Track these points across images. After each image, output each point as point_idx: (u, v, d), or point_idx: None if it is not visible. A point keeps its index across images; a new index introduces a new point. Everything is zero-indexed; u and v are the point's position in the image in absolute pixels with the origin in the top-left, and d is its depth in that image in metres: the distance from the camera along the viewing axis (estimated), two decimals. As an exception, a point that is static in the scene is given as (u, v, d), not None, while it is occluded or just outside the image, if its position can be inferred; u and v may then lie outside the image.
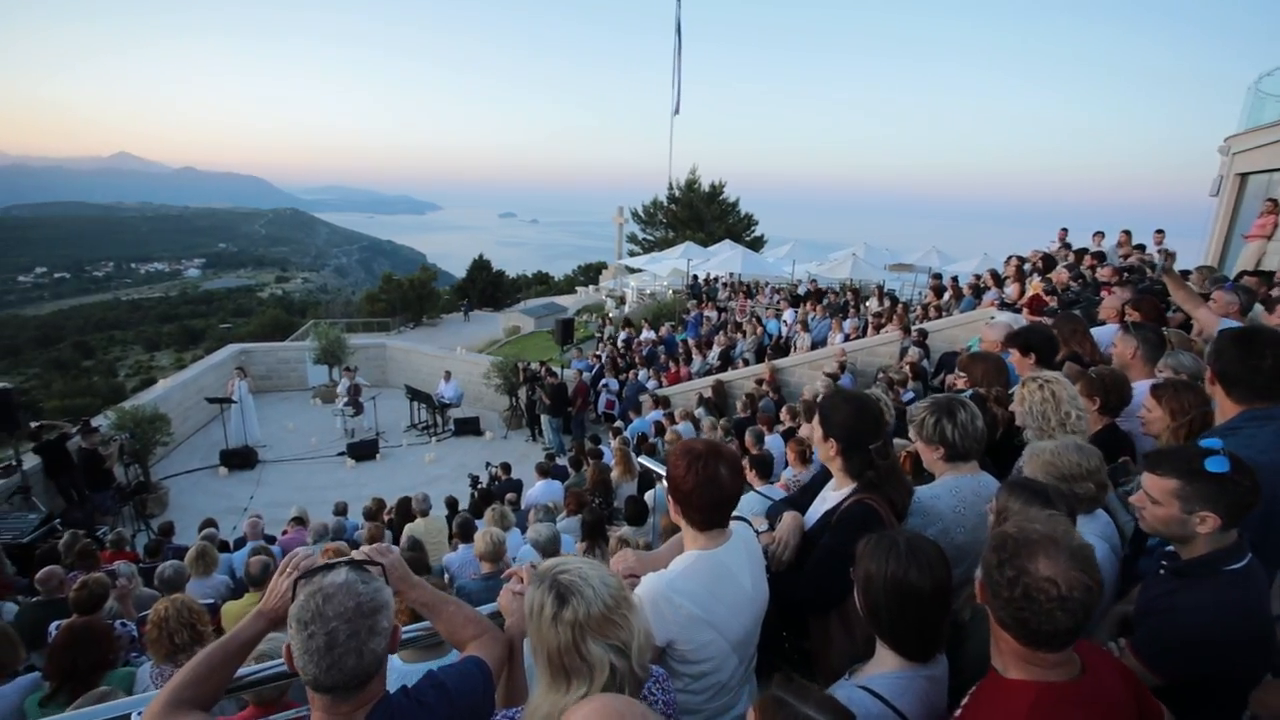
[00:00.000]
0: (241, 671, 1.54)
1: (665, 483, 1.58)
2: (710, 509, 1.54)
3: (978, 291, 11.16)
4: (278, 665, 1.62)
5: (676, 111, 26.78)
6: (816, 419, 1.89)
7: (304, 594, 1.21)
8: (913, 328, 10.50)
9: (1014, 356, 3.15)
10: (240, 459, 11.34)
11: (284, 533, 6.58)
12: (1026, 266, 10.79)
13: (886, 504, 1.76)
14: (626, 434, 9.93)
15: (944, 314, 11.36)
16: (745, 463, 5.09)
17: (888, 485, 1.80)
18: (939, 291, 12.37)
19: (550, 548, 3.87)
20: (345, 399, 12.82)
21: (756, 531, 1.81)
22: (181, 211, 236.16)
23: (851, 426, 1.81)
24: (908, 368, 8.71)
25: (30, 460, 8.60)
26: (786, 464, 6.90)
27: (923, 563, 1.37)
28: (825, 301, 14.07)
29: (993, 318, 8.52)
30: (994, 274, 11.00)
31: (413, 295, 29.39)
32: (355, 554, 1.50)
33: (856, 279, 18.24)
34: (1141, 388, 2.62)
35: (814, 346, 12.31)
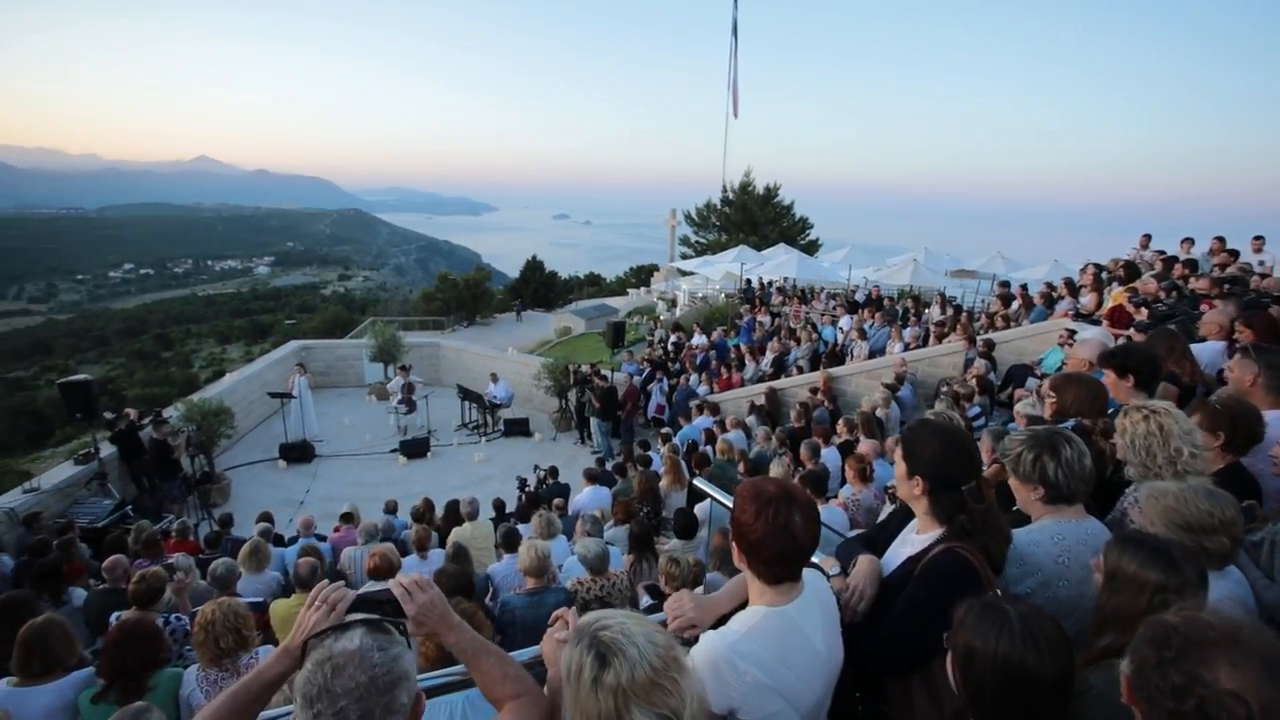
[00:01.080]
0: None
1: (730, 525, 1.41)
2: (781, 562, 1.36)
3: (1050, 301, 10.55)
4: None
5: (735, 115, 26.44)
6: (899, 452, 1.68)
7: (312, 662, 1.08)
8: (978, 338, 9.99)
9: (1109, 378, 2.85)
10: (298, 453, 11.68)
11: (335, 530, 6.68)
12: (1105, 275, 10.14)
13: (981, 554, 1.54)
14: (676, 441, 9.75)
15: (1012, 324, 10.78)
16: (801, 482, 4.87)
17: (982, 532, 1.57)
18: (1007, 300, 11.76)
19: (598, 565, 3.75)
20: (399, 397, 13.07)
21: (827, 575, 1.62)
22: (254, 212, 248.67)
23: (941, 463, 1.59)
24: (974, 381, 8.26)
25: (107, 448, 9.06)
26: (843, 480, 6.67)
27: (1042, 646, 1.15)
28: (884, 308, 13.58)
29: (1073, 332, 8.02)
30: (1069, 282, 10.38)
31: (467, 295, 29.89)
32: (392, 584, 1.37)
33: (917, 285, 17.58)
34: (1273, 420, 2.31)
35: (872, 355, 11.88)
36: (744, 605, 1.48)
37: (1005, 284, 12.70)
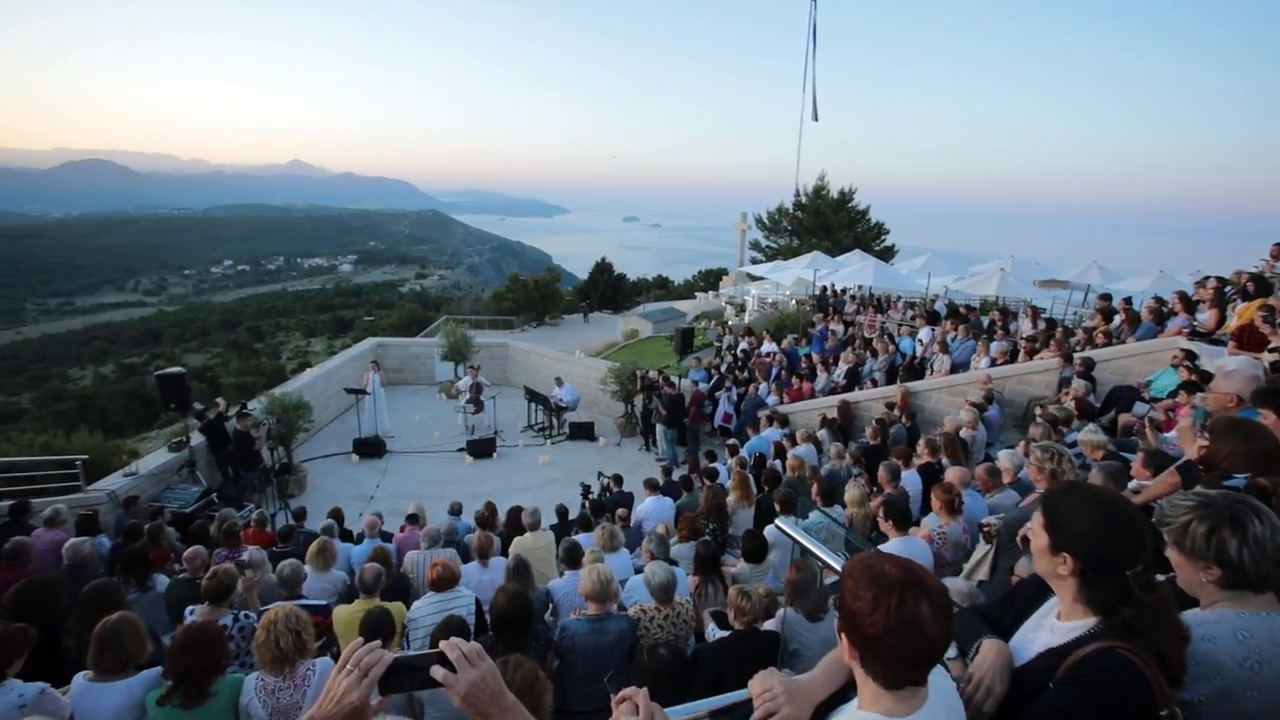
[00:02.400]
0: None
1: (839, 611, 1.16)
2: (905, 664, 1.09)
3: (1160, 316, 9.63)
4: None
5: (815, 118, 25.77)
6: (1039, 521, 1.39)
7: None
8: (1076, 355, 9.23)
9: (1268, 419, 2.43)
10: (370, 448, 12.02)
11: (401, 529, 6.75)
12: (1229, 289, 9.17)
13: (1153, 660, 1.24)
14: (744, 453, 9.45)
15: (1115, 341, 9.91)
16: (879, 508, 4.52)
17: (1153, 631, 1.25)
18: (1108, 314, 10.83)
19: (664, 595, 3.55)
20: (467, 396, 13.28)
21: (944, 664, 1.34)
22: (340, 213, 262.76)
23: (1099, 541, 1.29)
24: (1072, 403, 7.59)
25: (197, 438, 9.55)
26: (923, 506, 6.22)
27: None
28: (969, 320, 12.80)
29: (1190, 353, 7.25)
30: (1183, 296, 9.44)
31: (537, 295, 30.35)
32: (444, 646, 1.20)
33: (1004, 296, 16.55)
34: None
35: (954, 370, 11.20)
36: (844, 690, 1.26)
37: (1107, 297, 11.73)
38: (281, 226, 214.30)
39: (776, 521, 2.42)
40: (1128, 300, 11.22)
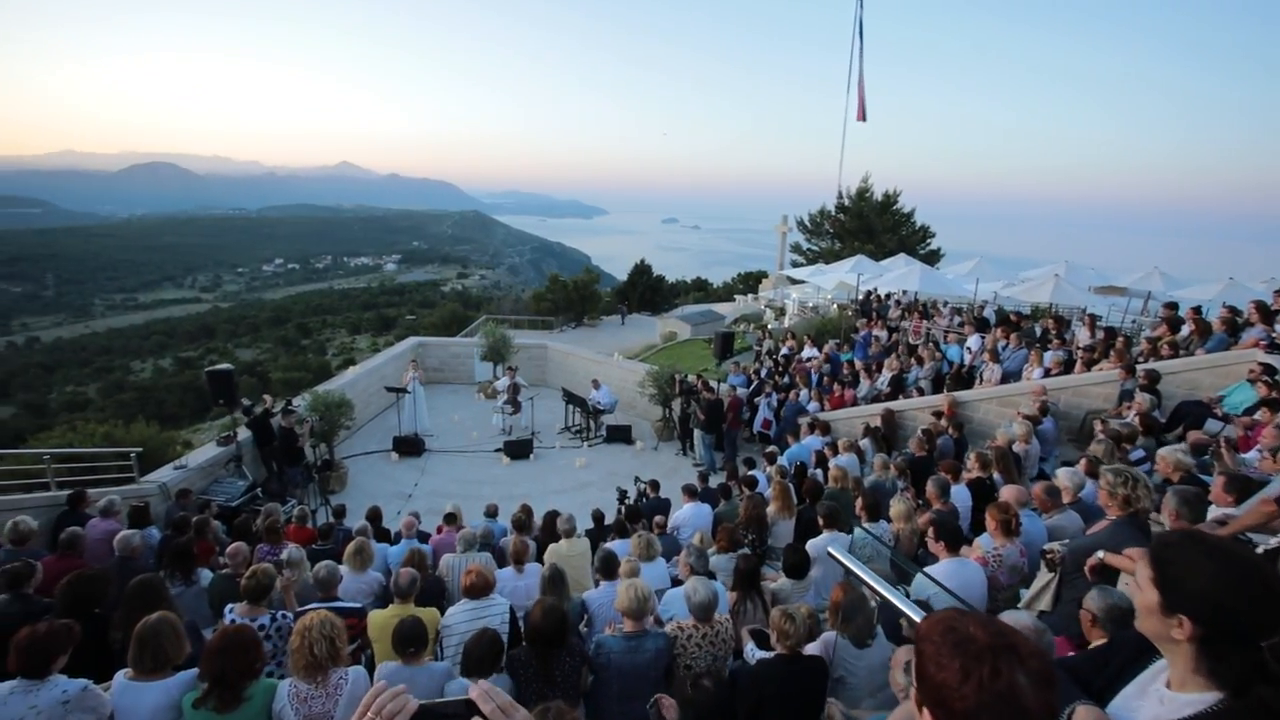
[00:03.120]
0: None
1: (917, 679, 1.00)
2: None
3: (1233, 327, 9.07)
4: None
5: (862, 118, 25.24)
6: (1147, 575, 1.20)
7: None
8: (1138, 367, 8.75)
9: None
10: (410, 446, 12.16)
11: (439, 530, 6.76)
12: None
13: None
14: (784, 461, 9.24)
15: (1182, 353, 9.37)
16: (929, 527, 4.29)
17: None
18: (1175, 324, 10.25)
19: (704, 614, 3.42)
20: (505, 397, 13.34)
21: None
22: (385, 213, 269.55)
23: (1225, 603, 1.10)
24: (1136, 418, 7.17)
25: (244, 433, 9.79)
26: (974, 523, 5.94)
27: None
28: (1022, 328, 12.28)
29: (1269, 367, 6.77)
30: (1260, 306, 8.87)
31: (576, 296, 30.47)
32: (475, 695, 1.07)
33: (1059, 303, 15.88)
34: None
35: (1004, 379, 10.76)
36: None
37: (1173, 305, 11.11)
38: (330, 226, 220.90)
39: (830, 549, 2.27)
40: (1197, 309, 10.59)
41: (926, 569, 3.90)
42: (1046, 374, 9.98)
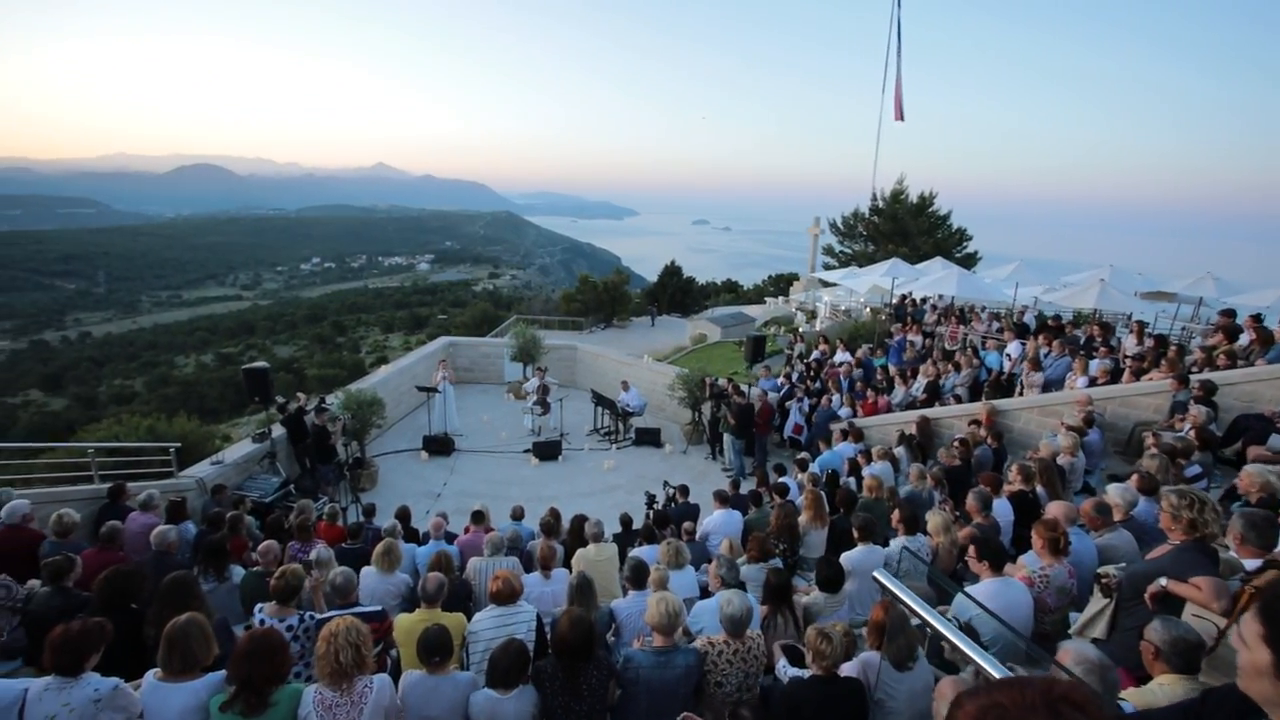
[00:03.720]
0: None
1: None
2: None
3: (1297, 337, 8.62)
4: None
5: (899, 118, 24.82)
6: (1256, 631, 1.08)
7: None
8: (1192, 377, 8.36)
9: None
10: (439, 445, 12.24)
11: (466, 530, 6.75)
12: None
13: None
14: (815, 468, 9.05)
15: (1240, 363, 8.93)
16: (970, 544, 4.11)
17: None
18: (1232, 332, 9.79)
19: (736, 630, 3.31)
20: (534, 397, 13.36)
21: None
22: (419, 213, 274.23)
23: None
24: (1191, 431, 6.84)
25: (278, 429, 9.95)
26: (1015, 538, 5.71)
27: None
28: (1065, 335, 11.88)
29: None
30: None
31: (606, 297, 30.49)
32: None
33: (1104, 309, 15.32)
34: None
35: (1046, 388, 10.40)
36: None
37: (1229, 312, 10.61)
38: (365, 226, 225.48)
39: (876, 574, 2.15)
40: (1256, 317, 10.09)
41: (969, 589, 3.74)
42: (1092, 383, 9.61)
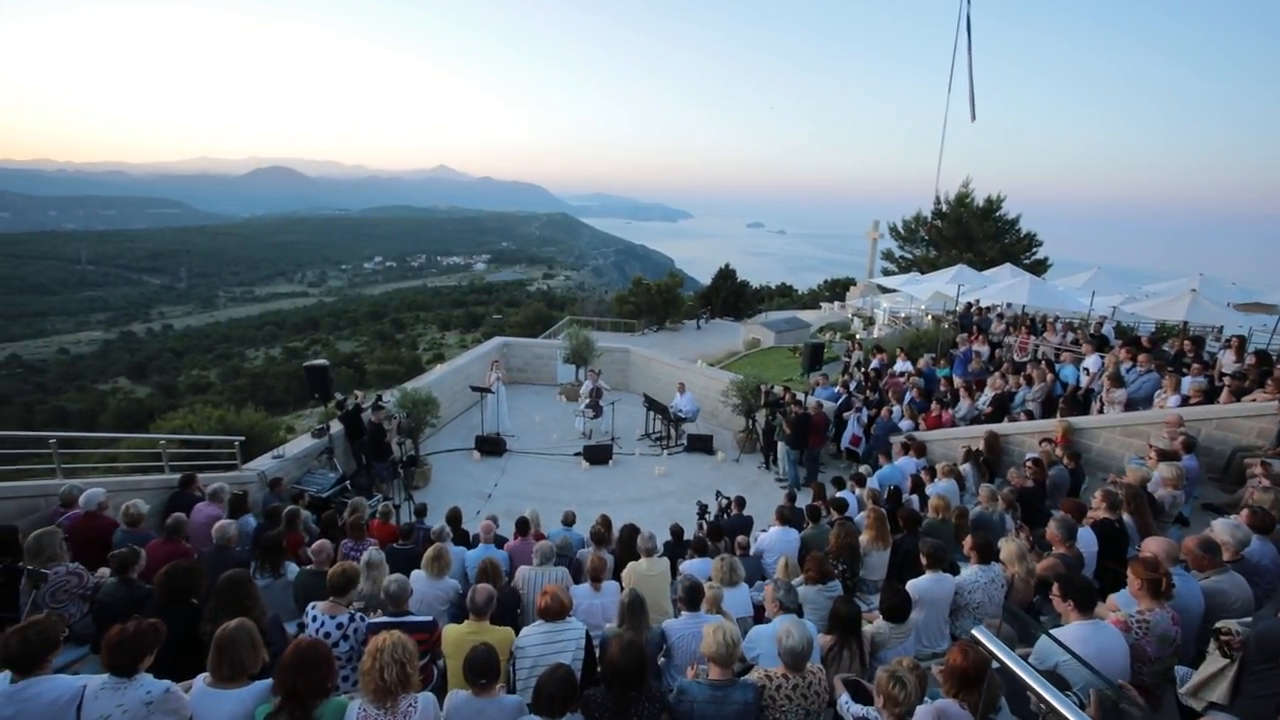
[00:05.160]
0: None
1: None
2: None
3: None
4: None
5: (973, 118, 23.84)
6: None
7: None
8: (1304, 399, 7.61)
9: None
10: (491, 446, 12.31)
11: (515, 536, 6.69)
12: None
13: None
14: (875, 483, 8.66)
15: (1357, 384, 8.09)
16: (1054, 580, 3.74)
17: None
18: (1346, 351, 8.91)
19: (796, 664, 3.08)
20: (586, 400, 13.30)
21: None
22: (477, 214, 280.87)
23: None
24: (1303, 461, 6.20)
25: (336, 426, 10.16)
26: (1098, 571, 5.26)
27: None
28: (1154, 350, 11.07)
29: None
30: None
31: (659, 300, 30.39)
32: None
33: (1195, 322, 14.25)
34: None
35: (1130, 406, 9.69)
36: None
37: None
38: (426, 226, 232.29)
39: (976, 631, 1.91)
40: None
41: (1054, 631, 3.40)
42: (1184, 402, 8.89)
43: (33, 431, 8.26)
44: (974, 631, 1.93)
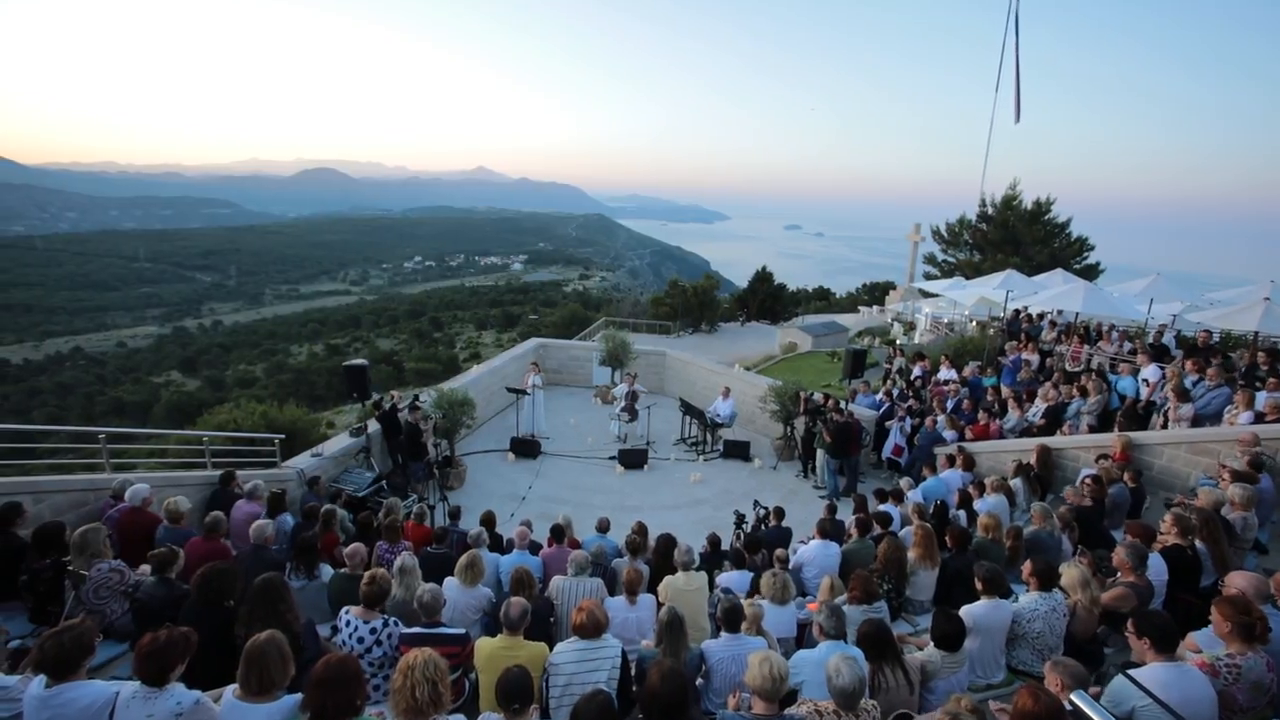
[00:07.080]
0: None
1: None
2: None
3: None
4: None
5: (1017, 119, 23.11)
6: None
7: None
8: (1393, 419, 7.05)
9: None
10: (526, 448, 12.26)
11: (549, 543, 6.59)
12: None
13: None
14: (919, 496, 8.33)
15: None
16: (1115, 604, 3.45)
17: None
18: None
19: (848, 704, 2.88)
20: (622, 404, 13.18)
21: None
22: (515, 215, 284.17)
23: None
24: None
25: (373, 425, 10.23)
26: (1167, 601, 4.90)
27: None
28: (1224, 361, 10.44)
29: None
30: None
31: (695, 302, 30.16)
32: None
33: (1267, 332, 13.45)
34: None
35: (1197, 422, 9.13)
36: None
37: None
38: (464, 227, 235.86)
39: (1076, 699, 1.70)
40: None
41: (1133, 672, 3.13)
42: (1259, 419, 8.32)
43: (89, 426, 8.51)
44: (1074, 698, 1.71)
